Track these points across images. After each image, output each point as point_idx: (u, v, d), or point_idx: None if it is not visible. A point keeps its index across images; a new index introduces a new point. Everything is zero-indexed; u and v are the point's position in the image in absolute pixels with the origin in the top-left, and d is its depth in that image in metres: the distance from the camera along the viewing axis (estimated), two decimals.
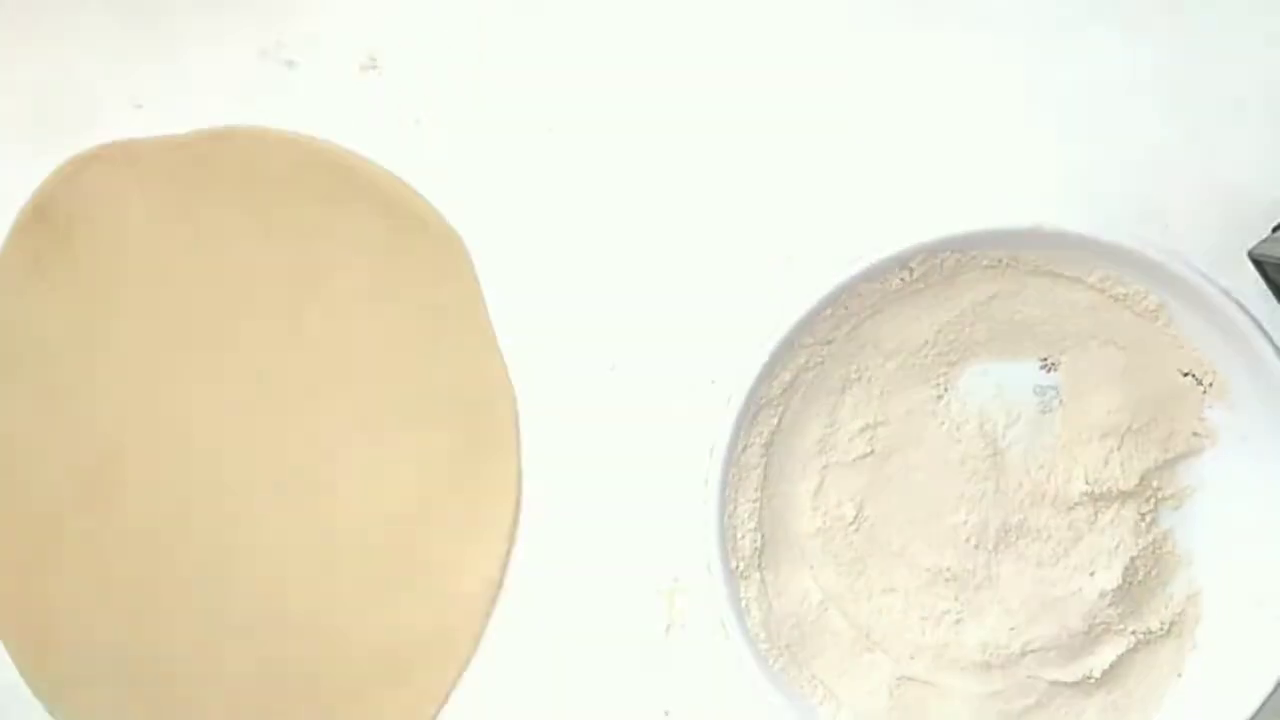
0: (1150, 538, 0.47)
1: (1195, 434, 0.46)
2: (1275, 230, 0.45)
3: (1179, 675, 0.47)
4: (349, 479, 0.48)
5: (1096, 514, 0.46)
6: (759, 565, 0.47)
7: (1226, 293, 0.44)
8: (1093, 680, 0.46)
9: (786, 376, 0.46)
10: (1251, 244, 0.45)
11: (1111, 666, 0.46)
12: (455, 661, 0.48)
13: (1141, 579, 0.47)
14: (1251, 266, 0.46)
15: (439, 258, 0.48)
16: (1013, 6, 0.47)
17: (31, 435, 0.48)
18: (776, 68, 0.48)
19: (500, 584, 0.49)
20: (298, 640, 0.49)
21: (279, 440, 0.48)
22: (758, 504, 0.46)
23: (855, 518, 0.47)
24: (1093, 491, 0.46)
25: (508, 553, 0.48)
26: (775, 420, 0.46)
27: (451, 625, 0.49)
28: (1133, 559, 0.46)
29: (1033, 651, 0.46)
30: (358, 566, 0.49)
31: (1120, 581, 0.46)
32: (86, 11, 0.49)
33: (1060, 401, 0.47)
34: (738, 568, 0.46)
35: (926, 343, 0.46)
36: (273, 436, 0.48)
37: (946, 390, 0.47)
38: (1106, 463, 0.46)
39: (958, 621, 0.47)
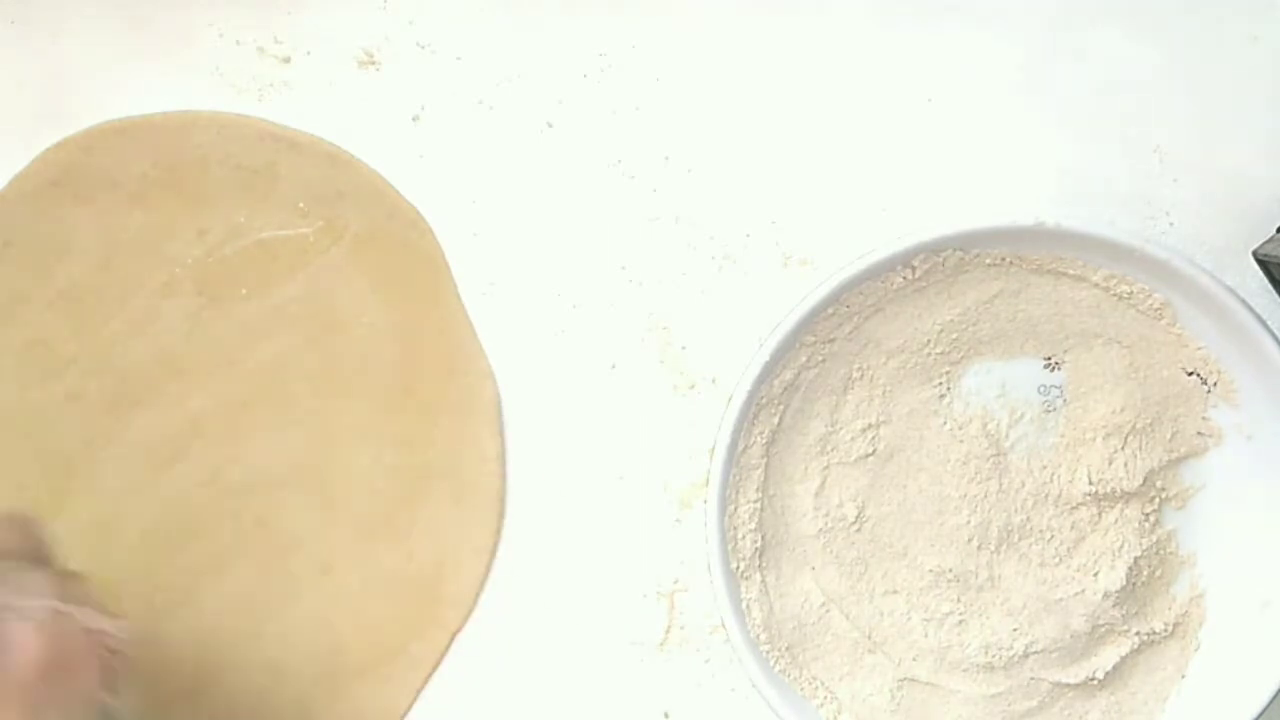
0: (1154, 538, 0.46)
1: (1200, 434, 0.46)
2: None
3: (1183, 677, 0.47)
4: (328, 464, 0.48)
5: (1100, 514, 0.46)
6: (760, 566, 0.46)
7: (1232, 291, 0.44)
8: (1096, 682, 0.46)
9: (788, 375, 0.46)
10: (1256, 244, 0.45)
11: (1115, 668, 0.46)
12: (435, 655, 0.48)
13: (1145, 580, 0.46)
14: (1256, 266, 0.46)
15: (406, 246, 0.48)
16: (1017, 4, 0.47)
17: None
18: (777, 66, 0.47)
19: (484, 581, 0.48)
20: (279, 625, 0.49)
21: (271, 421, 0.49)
22: (759, 504, 0.46)
23: (857, 518, 0.47)
24: (1096, 491, 0.46)
25: (493, 548, 0.48)
26: (776, 420, 0.46)
27: (434, 621, 0.48)
28: (1136, 559, 0.46)
29: (1035, 653, 0.46)
30: (344, 558, 0.48)
31: (1124, 582, 0.46)
32: (85, 7, 0.49)
33: (1064, 401, 0.46)
34: (738, 569, 0.46)
35: (929, 341, 0.46)
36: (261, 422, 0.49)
37: (949, 389, 0.47)
38: (1110, 462, 0.46)
39: (960, 623, 0.47)
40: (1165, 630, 0.46)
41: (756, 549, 0.46)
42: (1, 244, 0.48)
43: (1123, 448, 0.46)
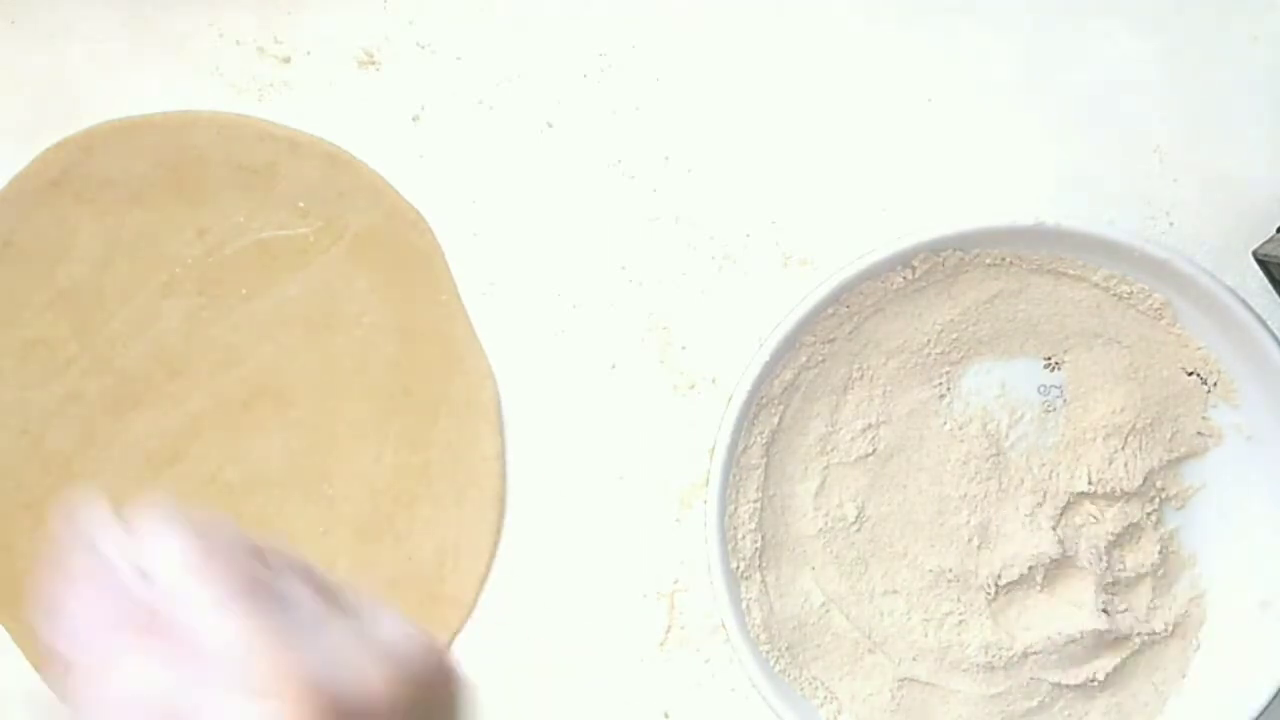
0: (1154, 538, 0.46)
1: (1200, 433, 0.46)
2: None
3: (1183, 677, 0.47)
4: (328, 462, 0.49)
5: (1100, 514, 0.46)
6: (760, 566, 0.46)
7: (1232, 291, 0.44)
8: (1096, 683, 0.46)
9: (788, 375, 0.46)
10: (1256, 244, 0.45)
11: (1115, 669, 0.46)
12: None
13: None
14: (1256, 266, 0.45)
15: (408, 245, 0.48)
16: (1017, 4, 0.47)
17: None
18: (777, 66, 0.47)
19: (486, 579, 0.48)
20: None
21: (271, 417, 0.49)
22: (759, 504, 0.46)
23: (857, 518, 0.47)
24: (1096, 491, 0.46)
25: (493, 548, 0.48)
26: (776, 420, 0.46)
27: (434, 621, 0.48)
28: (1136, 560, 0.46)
29: (1035, 653, 0.46)
30: (344, 558, 0.48)
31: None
32: (86, 8, 0.49)
33: (1064, 401, 0.46)
34: (738, 569, 0.46)
35: (929, 341, 0.46)
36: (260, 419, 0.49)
37: (949, 389, 0.47)
38: (1110, 462, 0.46)
39: (960, 623, 0.47)
40: (1165, 630, 0.46)
41: (756, 549, 0.46)
42: (1, 244, 0.48)
43: (1123, 448, 0.46)
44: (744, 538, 0.46)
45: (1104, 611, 0.45)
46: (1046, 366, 0.47)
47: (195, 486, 0.49)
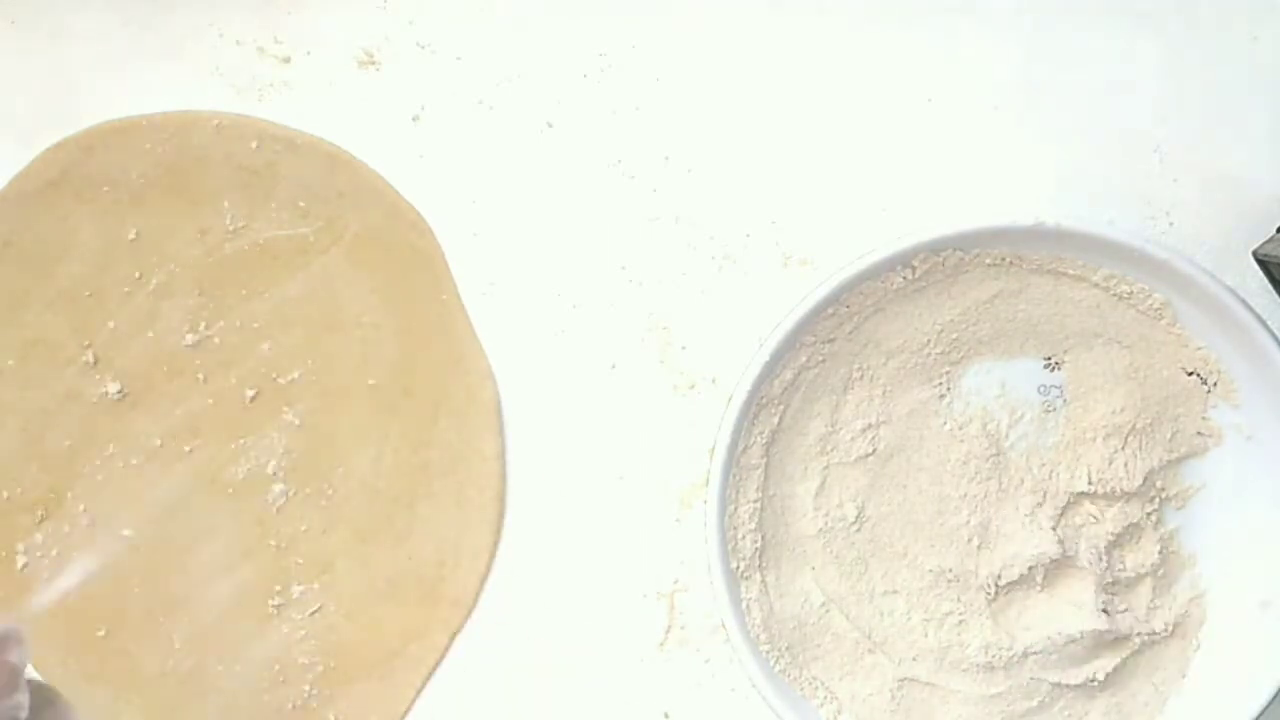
0: (1154, 538, 0.46)
1: (1200, 434, 0.46)
2: None
3: (1183, 677, 0.47)
4: (327, 459, 0.49)
5: (1100, 514, 0.46)
6: (760, 566, 0.46)
7: (1232, 291, 0.44)
8: (1096, 683, 0.46)
9: (788, 375, 0.46)
10: (1256, 244, 0.45)
11: (1115, 669, 0.46)
12: (435, 655, 0.48)
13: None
14: (1256, 266, 0.45)
15: (407, 246, 0.48)
16: (1017, 4, 0.47)
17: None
18: (777, 66, 0.47)
19: (486, 579, 0.48)
20: (282, 623, 0.49)
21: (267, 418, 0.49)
22: (759, 504, 0.46)
23: (857, 518, 0.47)
24: (1096, 491, 0.46)
25: (493, 548, 0.48)
26: (776, 420, 0.46)
27: (434, 621, 0.49)
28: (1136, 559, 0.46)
29: (1035, 653, 0.46)
30: (344, 558, 0.49)
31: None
32: (86, 8, 0.49)
33: (1064, 401, 0.46)
34: (738, 569, 0.46)
35: (929, 342, 0.46)
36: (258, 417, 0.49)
37: (949, 389, 0.47)
38: (1110, 462, 0.46)
39: (960, 623, 0.47)
40: (1165, 630, 0.46)
41: (756, 549, 0.46)
42: (1, 244, 0.49)
43: (1123, 448, 0.46)
44: (744, 538, 0.46)
45: (1104, 611, 0.45)
46: (1046, 366, 0.47)
47: (195, 486, 0.49)
